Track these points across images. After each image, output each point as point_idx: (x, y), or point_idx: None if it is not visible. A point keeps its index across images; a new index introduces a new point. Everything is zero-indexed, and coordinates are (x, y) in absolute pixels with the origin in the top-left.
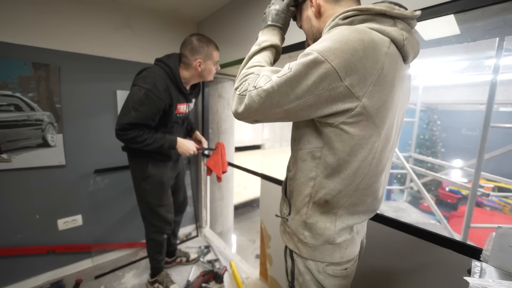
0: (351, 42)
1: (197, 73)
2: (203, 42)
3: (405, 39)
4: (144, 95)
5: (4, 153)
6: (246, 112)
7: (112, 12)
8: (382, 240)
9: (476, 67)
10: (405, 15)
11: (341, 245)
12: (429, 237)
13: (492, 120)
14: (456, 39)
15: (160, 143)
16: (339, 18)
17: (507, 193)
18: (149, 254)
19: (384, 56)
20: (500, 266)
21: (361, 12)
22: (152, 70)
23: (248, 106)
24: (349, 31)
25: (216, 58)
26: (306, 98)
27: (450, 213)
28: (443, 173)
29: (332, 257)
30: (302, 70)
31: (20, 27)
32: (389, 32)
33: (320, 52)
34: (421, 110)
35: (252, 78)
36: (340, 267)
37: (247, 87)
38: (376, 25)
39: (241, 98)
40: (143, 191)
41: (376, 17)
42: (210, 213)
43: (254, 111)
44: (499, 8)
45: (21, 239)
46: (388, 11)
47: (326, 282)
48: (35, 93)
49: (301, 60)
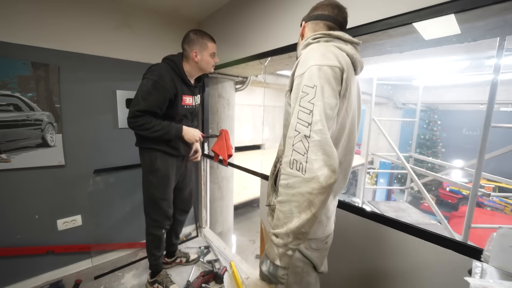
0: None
1: (196, 64)
2: (198, 35)
3: (354, 54)
4: (152, 85)
5: (3, 153)
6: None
7: (112, 12)
8: (383, 240)
9: (476, 67)
10: (352, 40)
11: (323, 222)
12: (429, 238)
13: (493, 120)
14: (457, 39)
15: (167, 129)
16: (310, 38)
17: (507, 194)
18: (148, 250)
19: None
20: (501, 266)
21: (325, 35)
22: (159, 65)
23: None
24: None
25: (211, 49)
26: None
27: (451, 213)
28: (444, 173)
29: (316, 234)
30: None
31: (19, 26)
32: (344, 48)
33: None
34: (421, 110)
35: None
36: (322, 242)
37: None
38: (336, 44)
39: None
40: (150, 183)
41: (335, 39)
42: (210, 213)
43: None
44: (499, 7)
45: (20, 239)
46: (342, 36)
47: (312, 255)
48: (34, 93)
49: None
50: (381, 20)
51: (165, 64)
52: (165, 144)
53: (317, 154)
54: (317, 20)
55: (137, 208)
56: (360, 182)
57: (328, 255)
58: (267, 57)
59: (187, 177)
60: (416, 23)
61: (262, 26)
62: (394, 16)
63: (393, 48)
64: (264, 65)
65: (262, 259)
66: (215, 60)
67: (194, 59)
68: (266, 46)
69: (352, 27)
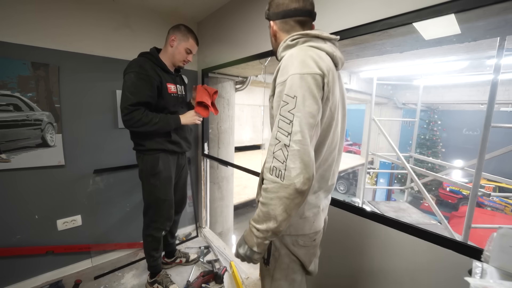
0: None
1: (169, 50)
2: (186, 29)
3: (334, 52)
4: (135, 77)
5: (3, 153)
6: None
7: (112, 12)
8: (383, 240)
9: (477, 67)
10: (330, 37)
11: (309, 218)
12: (429, 238)
13: (493, 120)
14: (457, 39)
15: (165, 120)
16: (288, 40)
17: (508, 194)
18: (146, 251)
19: None
20: (501, 266)
21: (303, 35)
22: (135, 59)
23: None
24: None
25: (190, 45)
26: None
27: (451, 213)
28: (444, 173)
29: (303, 230)
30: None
31: (19, 26)
32: (323, 48)
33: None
34: (421, 110)
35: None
36: (310, 239)
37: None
38: (314, 43)
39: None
40: (153, 186)
41: (313, 38)
42: (210, 213)
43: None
44: (500, 7)
45: (20, 240)
46: (320, 35)
47: (299, 252)
48: (34, 93)
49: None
50: (381, 20)
51: (142, 57)
52: (168, 142)
53: (295, 163)
54: (286, 19)
55: (137, 208)
56: (360, 182)
57: (327, 254)
58: (267, 57)
59: (182, 178)
60: (417, 23)
61: (262, 26)
62: (394, 16)
63: (393, 48)
64: (264, 65)
65: (240, 242)
66: (188, 57)
67: (170, 43)
68: (266, 46)
69: (352, 27)
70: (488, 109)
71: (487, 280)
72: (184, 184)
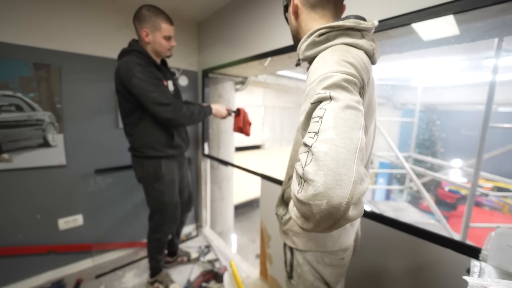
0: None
1: (149, 46)
2: (151, 12)
3: (374, 49)
4: (144, 75)
5: (5, 153)
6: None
7: (113, 12)
8: (382, 239)
9: (475, 68)
10: (369, 27)
11: (332, 234)
12: (428, 237)
13: (491, 120)
14: (456, 40)
15: (199, 108)
16: (315, 36)
17: (506, 193)
18: (150, 255)
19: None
20: (499, 265)
21: (333, 28)
22: (124, 59)
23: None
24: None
25: (166, 31)
26: None
27: (450, 212)
28: (443, 173)
29: (325, 246)
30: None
31: (21, 27)
32: (362, 45)
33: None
34: (420, 110)
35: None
36: (337, 257)
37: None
38: (349, 39)
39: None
40: (158, 191)
41: (347, 31)
42: (210, 213)
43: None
44: (498, 8)
45: (22, 239)
46: (356, 26)
47: (324, 271)
48: (36, 94)
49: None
50: (380, 21)
51: (132, 56)
52: (169, 148)
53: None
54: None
55: (137, 207)
56: None
57: None
58: (267, 58)
59: (185, 178)
60: (415, 24)
61: (262, 26)
62: (393, 17)
63: (392, 48)
64: (264, 66)
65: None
66: (171, 43)
67: (145, 39)
68: (266, 47)
69: None
70: (486, 109)
71: (485, 279)
72: (188, 182)
